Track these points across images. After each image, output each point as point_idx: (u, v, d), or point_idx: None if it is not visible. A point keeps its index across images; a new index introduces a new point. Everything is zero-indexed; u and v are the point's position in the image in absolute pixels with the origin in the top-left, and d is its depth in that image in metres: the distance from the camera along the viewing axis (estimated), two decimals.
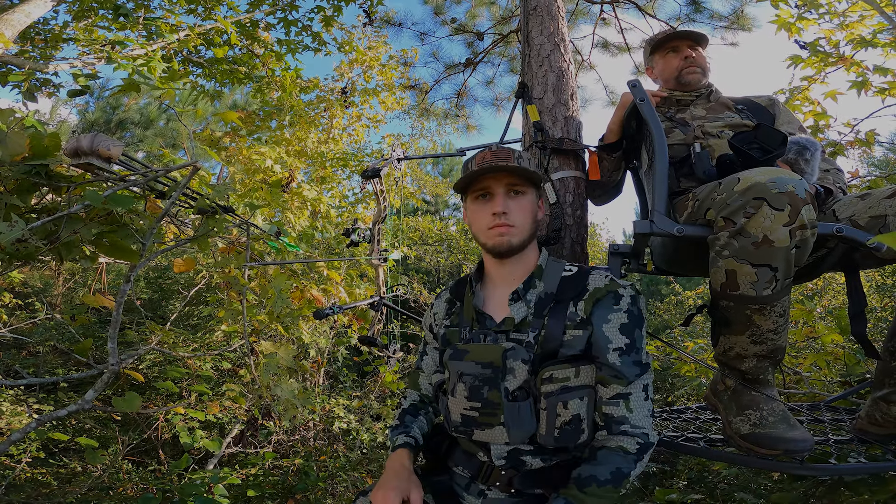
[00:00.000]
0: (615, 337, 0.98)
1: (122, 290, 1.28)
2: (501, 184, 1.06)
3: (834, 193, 1.32)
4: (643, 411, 0.96)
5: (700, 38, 1.67)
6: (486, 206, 1.07)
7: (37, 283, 4.98)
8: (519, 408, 0.94)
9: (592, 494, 0.88)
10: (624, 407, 0.95)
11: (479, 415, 0.97)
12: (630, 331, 0.98)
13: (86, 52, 3.26)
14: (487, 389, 0.97)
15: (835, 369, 2.45)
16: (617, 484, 0.89)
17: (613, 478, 0.89)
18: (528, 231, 1.06)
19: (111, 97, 9.22)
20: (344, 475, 3.19)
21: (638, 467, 0.92)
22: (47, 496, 2.66)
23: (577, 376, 0.95)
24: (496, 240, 1.04)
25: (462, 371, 1.00)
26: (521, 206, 1.06)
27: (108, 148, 1.18)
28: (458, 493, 1.05)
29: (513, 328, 1.03)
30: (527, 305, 1.04)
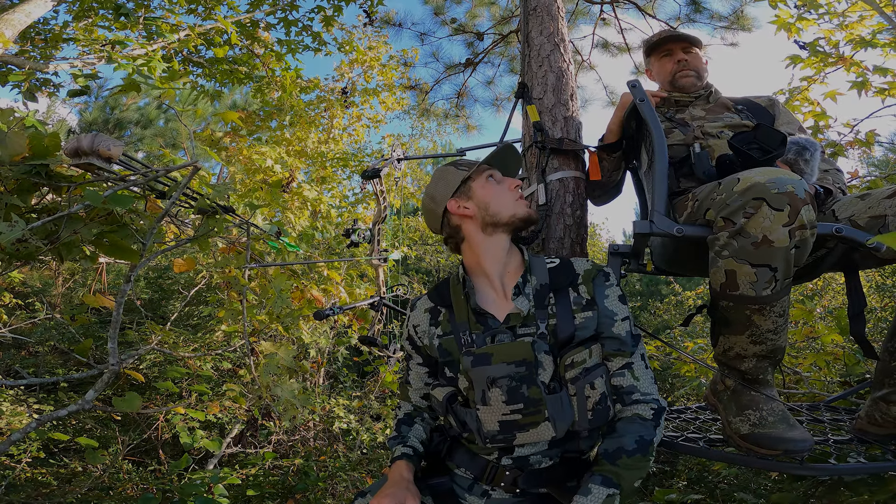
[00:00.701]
0: (618, 308, 1.04)
1: (122, 289, 1.28)
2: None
3: (833, 194, 1.32)
4: (648, 379, 1.01)
5: (693, 40, 1.66)
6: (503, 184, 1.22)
7: (36, 282, 4.98)
8: (560, 399, 0.95)
9: (626, 466, 0.90)
10: (630, 376, 1.00)
11: (521, 416, 0.93)
12: (625, 302, 1.07)
13: (86, 51, 3.26)
14: (527, 387, 0.93)
15: (834, 369, 2.45)
16: (644, 452, 0.92)
17: (640, 446, 0.92)
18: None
19: (110, 97, 9.22)
20: (344, 475, 3.19)
21: (657, 434, 0.95)
22: (47, 496, 2.66)
23: (591, 357, 0.99)
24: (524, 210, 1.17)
25: (493, 375, 0.94)
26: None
27: (108, 148, 1.18)
28: (458, 495, 1.04)
29: (520, 323, 1.02)
30: (527, 299, 1.05)
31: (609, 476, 0.90)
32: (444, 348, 1.09)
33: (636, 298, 8.84)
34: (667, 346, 3.22)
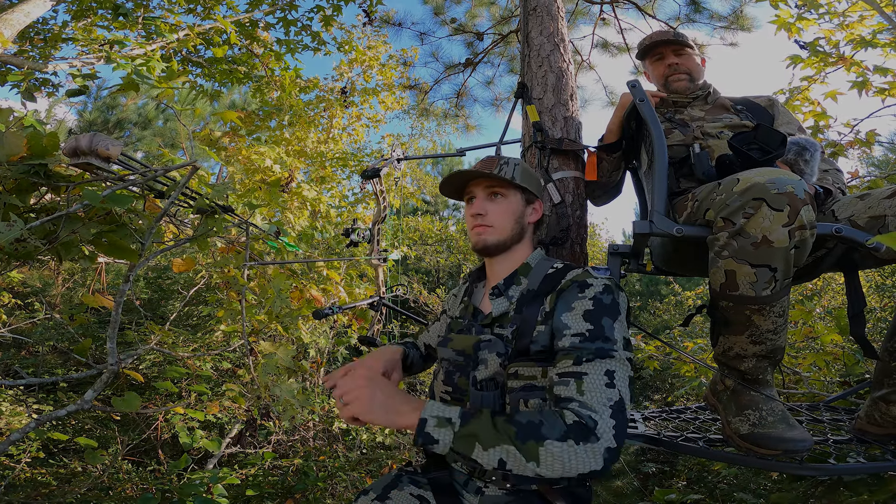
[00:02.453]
0: (575, 323, 0.92)
1: (121, 289, 1.28)
2: (481, 188, 1.16)
3: (833, 194, 1.32)
4: (600, 398, 0.82)
5: (683, 42, 1.65)
6: (470, 208, 1.17)
7: (36, 282, 4.98)
8: (482, 397, 0.97)
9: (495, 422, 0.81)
10: (574, 388, 0.84)
11: (450, 399, 1.06)
12: (596, 318, 0.91)
13: (85, 51, 3.26)
14: (458, 376, 1.05)
15: (834, 369, 2.45)
16: (524, 436, 0.79)
17: (523, 428, 0.80)
18: (508, 231, 1.13)
19: (108, 97, 9.21)
20: (343, 475, 3.19)
21: (565, 450, 0.77)
22: (47, 496, 2.66)
23: (545, 376, 0.93)
24: (475, 238, 1.15)
25: (443, 357, 1.11)
26: (501, 209, 1.14)
27: (107, 147, 1.18)
28: (457, 491, 1.04)
29: (491, 322, 1.07)
30: (508, 301, 1.07)
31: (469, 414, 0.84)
32: (450, 326, 1.22)
33: (636, 298, 8.84)
34: (667, 346, 3.22)
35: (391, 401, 0.87)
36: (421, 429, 0.82)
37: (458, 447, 0.81)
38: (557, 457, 0.78)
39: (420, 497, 1.00)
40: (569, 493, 0.98)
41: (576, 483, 1.00)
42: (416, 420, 0.83)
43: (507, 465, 0.80)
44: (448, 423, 0.82)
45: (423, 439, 0.82)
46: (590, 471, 0.79)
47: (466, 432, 0.81)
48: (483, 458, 0.80)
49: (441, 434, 0.81)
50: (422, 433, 0.82)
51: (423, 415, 0.83)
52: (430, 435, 0.81)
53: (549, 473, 0.78)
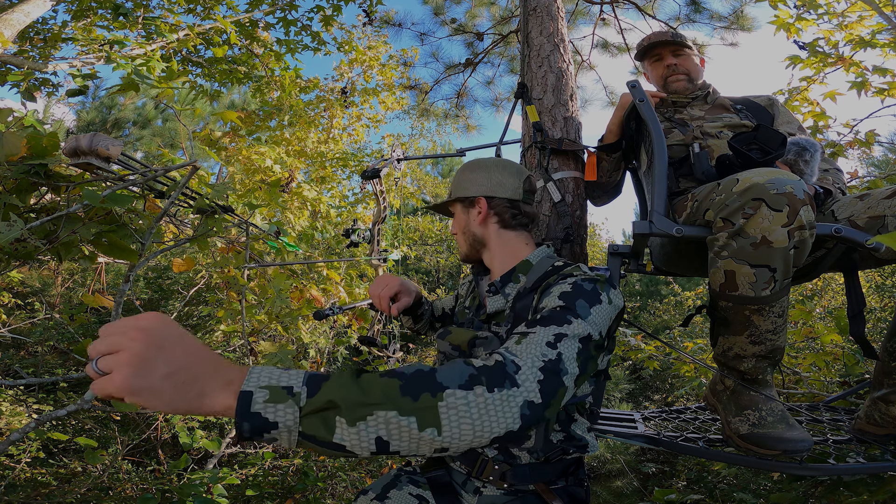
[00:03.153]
0: (551, 302, 0.85)
1: (121, 289, 1.28)
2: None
3: (833, 194, 1.32)
4: (535, 351, 0.71)
5: (681, 42, 1.65)
6: None
7: (35, 282, 4.98)
8: None
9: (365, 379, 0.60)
10: (515, 340, 0.75)
11: None
12: (570, 298, 0.84)
13: (84, 51, 3.26)
14: None
15: (834, 369, 2.45)
16: (413, 389, 0.59)
17: (410, 379, 0.61)
18: (465, 247, 1.20)
19: (107, 97, 9.22)
20: (343, 475, 3.19)
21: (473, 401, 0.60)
22: (47, 496, 2.66)
23: None
24: None
25: (440, 349, 1.12)
26: (455, 228, 1.24)
27: (107, 147, 1.18)
28: (457, 490, 1.04)
29: (488, 319, 1.08)
30: (505, 299, 1.06)
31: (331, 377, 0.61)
32: (456, 316, 1.27)
33: (636, 298, 8.84)
34: (667, 346, 3.22)
35: (198, 358, 0.56)
36: (245, 408, 0.53)
37: (309, 429, 0.55)
38: (464, 413, 0.59)
39: (419, 497, 1.00)
40: (566, 492, 0.98)
41: (573, 482, 1.00)
42: (232, 399, 0.54)
43: (390, 446, 0.57)
44: (288, 395, 0.55)
45: (251, 425, 0.53)
46: (505, 431, 0.61)
47: (319, 404, 0.56)
48: (351, 439, 0.55)
49: (280, 413, 0.54)
50: (248, 415, 0.53)
51: (246, 386, 0.55)
52: (263, 417, 0.54)
53: (455, 443, 0.59)
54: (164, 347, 0.54)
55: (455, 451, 0.60)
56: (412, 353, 4.91)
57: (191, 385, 0.54)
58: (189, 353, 0.55)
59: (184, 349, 0.55)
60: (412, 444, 0.58)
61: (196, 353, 0.56)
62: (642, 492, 3.56)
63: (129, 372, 0.52)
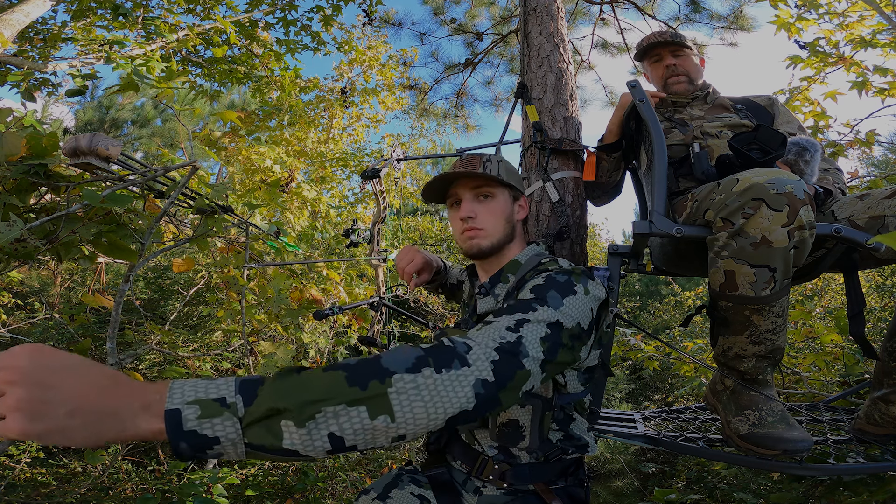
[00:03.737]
0: (523, 296, 0.85)
1: (121, 289, 1.28)
2: (467, 189, 1.08)
3: (833, 194, 1.32)
4: (493, 335, 0.70)
5: (681, 42, 1.64)
6: (457, 213, 1.09)
7: (35, 282, 4.98)
8: None
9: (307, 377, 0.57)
10: (476, 328, 0.74)
11: None
12: (542, 290, 0.83)
13: (84, 51, 3.26)
14: None
15: (834, 369, 2.45)
16: (359, 378, 0.57)
17: (355, 369, 0.58)
18: (500, 233, 1.07)
19: (105, 96, 9.21)
20: (343, 475, 3.19)
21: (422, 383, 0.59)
22: (47, 496, 2.66)
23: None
24: (467, 244, 1.07)
25: None
26: (490, 210, 1.07)
27: (106, 147, 1.18)
28: (457, 489, 1.05)
29: (478, 320, 1.06)
30: (495, 299, 1.06)
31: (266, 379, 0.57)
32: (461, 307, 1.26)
33: (636, 298, 8.84)
34: (667, 346, 3.22)
35: (96, 391, 0.49)
36: (176, 428, 0.49)
37: (256, 439, 0.52)
38: (415, 396, 0.57)
39: (421, 496, 1.00)
40: (566, 493, 0.98)
41: (573, 482, 1.00)
42: (158, 422, 0.50)
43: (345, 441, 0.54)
44: (223, 408, 0.51)
45: (189, 444, 0.50)
46: (459, 411, 0.59)
47: (260, 412, 0.52)
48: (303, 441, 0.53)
49: (218, 428, 0.51)
50: (182, 435, 0.49)
51: (170, 405, 0.50)
52: (200, 434, 0.50)
53: (412, 427, 0.57)
54: (47, 384, 0.48)
55: (412, 436, 0.57)
56: None
57: (103, 417, 0.49)
58: (85, 383, 0.50)
59: (76, 380, 0.49)
60: (367, 435, 0.55)
61: (93, 380, 0.50)
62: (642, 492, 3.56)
63: (22, 418, 0.46)
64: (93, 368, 0.51)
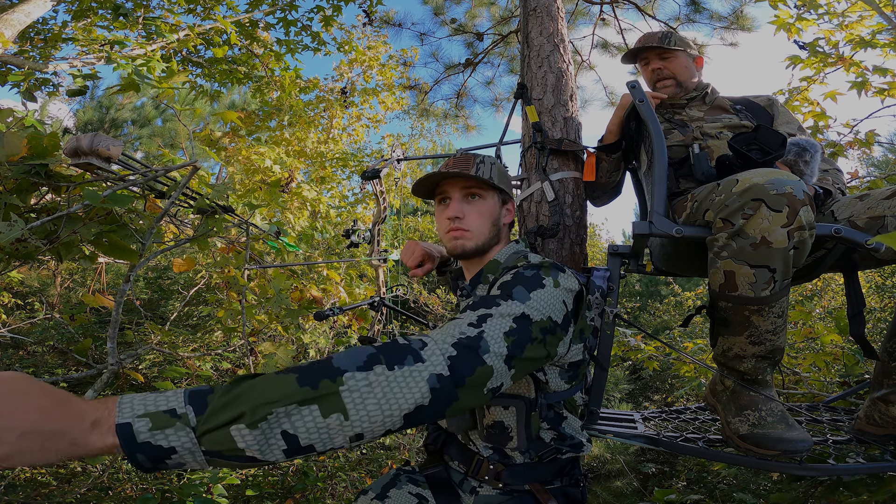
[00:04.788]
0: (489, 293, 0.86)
1: (121, 289, 1.28)
2: (457, 188, 1.07)
3: (833, 194, 1.32)
4: (452, 330, 0.70)
5: (665, 49, 1.62)
6: (445, 210, 1.08)
7: (35, 282, 4.98)
8: None
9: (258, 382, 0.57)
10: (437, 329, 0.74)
11: None
12: (508, 287, 0.83)
13: (85, 51, 3.26)
14: None
15: (834, 370, 2.45)
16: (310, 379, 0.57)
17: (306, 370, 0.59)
18: (485, 235, 1.06)
19: (104, 96, 9.20)
20: (343, 475, 3.19)
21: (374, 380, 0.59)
22: (46, 496, 2.66)
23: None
24: (452, 244, 1.06)
25: None
26: (479, 211, 1.06)
27: (107, 147, 1.18)
28: (455, 489, 1.05)
29: None
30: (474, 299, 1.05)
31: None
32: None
33: (636, 298, 8.85)
34: (666, 346, 3.22)
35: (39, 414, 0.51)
36: (130, 441, 0.51)
37: (212, 445, 0.53)
38: (367, 394, 0.57)
39: (419, 496, 1.00)
40: (562, 492, 0.98)
41: (569, 482, 1.00)
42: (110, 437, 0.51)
43: (299, 440, 0.54)
44: (174, 418, 0.53)
45: (146, 455, 0.51)
46: (415, 406, 0.59)
47: (212, 420, 0.53)
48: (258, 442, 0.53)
49: (172, 438, 0.52)
50: (137, 447, 0.51)
51: (120, 419, 0.52)
52: (155, 445, 0.51)
53: (367, 425, 0.57)
54: None
55: (370, 435, 0.58)
56: None
57: (53, 437, 0.50)
58: (28, 408, 0.51)
59: (20, 405, 0.51)
60: (322, 434, 0.56)
61: (36, 404, 0.51)
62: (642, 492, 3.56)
63: None
64: (36, 392, 0.52)
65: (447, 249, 1.09)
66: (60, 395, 0.53)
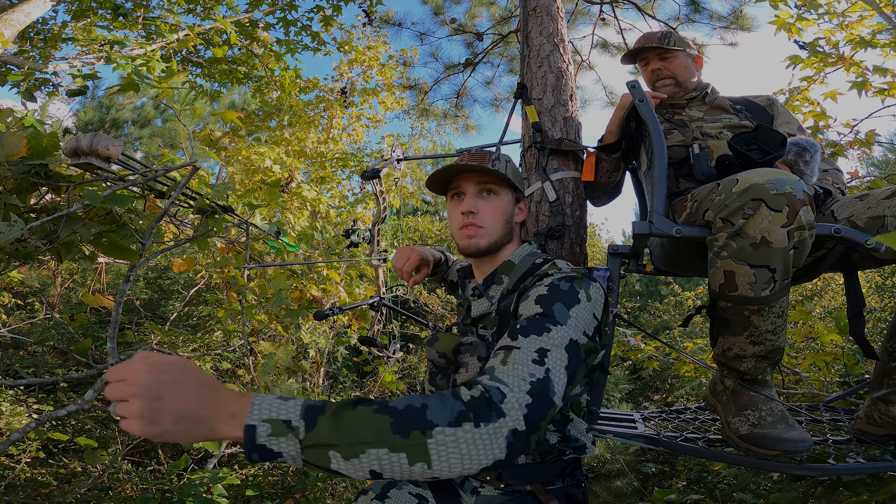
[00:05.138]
0: (527, 308, 0.85)
1: (121, 289, 1.28)
2: (472, 183, 1.07)
3: (833, 194, 1.32)
4: (520, 371, 0.72)
5: (664, 49, 1.62)
6: (458, 205, 1.07)
7: (35, 282, 4.98)
8: None
9: (359, 415, 0.64)
10: (500, 359, 0.75)
11: None
12: (548, 302, 0.83)
13: (85, 51, 3.26)
14: (440, 378, 1.04)
15: (834, 370, 2.45)
16: (403, 427, 0.63)
17: (401, 416, 0.64)
18: (498, 233, 1.06)
19: (105, 96, 9.20)
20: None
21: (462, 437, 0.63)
22: (46, 496, 2.66)
23: None
24: (465, 241, 1.06)
25: (429, 357, 1.08)
26: (493, 207, 1.06)
27: (107, 147, 1.18)
28: (456, 490, 1.05)
29: (473, 322, 1.07)
30: (489, 301, 1.05)
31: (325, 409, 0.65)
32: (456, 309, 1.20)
33: (636, 299, 8.85)
34: (666, 346, 3.22)
35: (194, 402, 0.62)
36: (251, 441, 0.61)
37: (311, 459, 0.63)
38: (453, 449, 0.62)
39: (419, 495, 1.00)
40: (563, 493, 0.98)
41: (570, 483, 1.00)
42: (239, 431, 0.61)
43: (383, 475, 0.63)
44: (288, 429, 0.62)
45: (258, 455, 0.61)
46: (493, 462, 0.64)
47: (316, 440, 0.62)
48: (348, 469, 0.62)
49: (283, 445, 0.62)
50: (254, 447, 0.61)
51: (249, 420, 0.62)
52: (268, 448, 0.61)
53: (446, 473, 0.63)
54: (162, 397, 0.61)
55: (446, 478, 0.64)
56: (412, 353, 4.91)
57: (199, 424, 0.62)
58: (187, 395, 0.62)
59: (182, 393, 0.62)
60: (404, 474, 0.63)
61: (193, 391, 0.63)
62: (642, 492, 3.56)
63: (141, 423, 0.60)
64: (194, 380, 0.64)
65: (460, 248, 1.08)
66: (212, 385, 0.65)
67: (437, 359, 1.04)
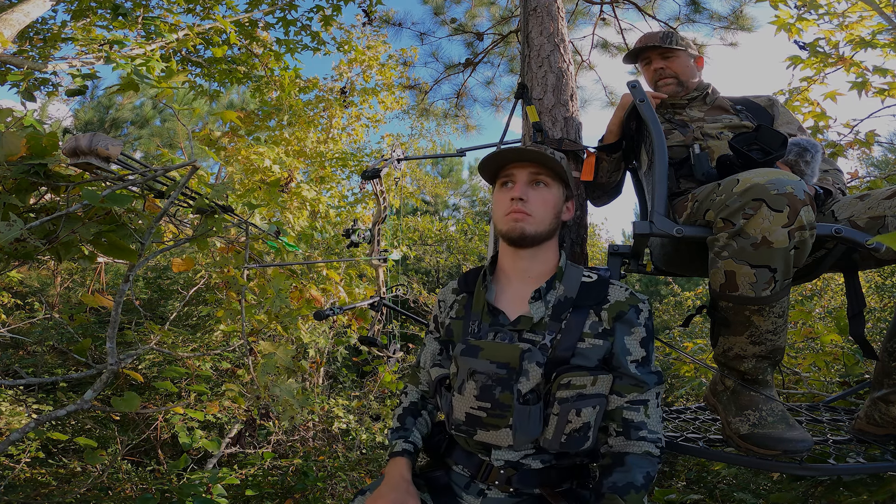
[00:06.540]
0: (635, 349, 0.99)
1: (120, 289, 1.27)
2: (525, 171, 1.06)
3: (833, 194, 1.32)
4: (657, 418, 0.98)
5: (667, 48, 1.61)
6: (507, 192, 1.06)
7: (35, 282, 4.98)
8: (529, 411, 0.91)
9: (632, 501, 0.88)
10: (643, 413, 0.97)
11: (486, 415, 0.93)
12: (647, 344, 1.01)
13: (84, 51, 3.25)
14: (500, 390, 0.93)
15: (834, 370, 2.45)
16: (647, 487, 0.91)
17: (646, 482, 0.91)
18: (546, 224, 1.04)
19: (104, 96, 9.19)
20: (343, 475, 3.19)
21: (646, 485, 0.93)
22: (46, 496, 2.65)
23: (594, 385, 0.93)
24: (509, 225, 1.03)
25: (474, 369, 0.95)
26: (543, 198, 1.05)
27: (106, 147, 1.18)
28: (455, 492, 1.04)
29: (528, 328, 1.00)
30: (545, 306, 1.02)
31: None
32: (451, 329, 1.10)
33: None
34: (667, 346, 3.22)
35: None
36: None
37: None
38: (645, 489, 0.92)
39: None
40: (573, 494, 0.98)
41: (579, 484, 1.01)
42: None
43: None
44: None
45: None
46: None
47: None
48: None
49: None
50: None
51: None
52: None
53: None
54: None
55: None
56: (412, 354, 4.91)
57: None
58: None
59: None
60: None
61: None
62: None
63: None
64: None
65: (502, 233, 1.06)
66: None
67: (494, 371, 0.94)
